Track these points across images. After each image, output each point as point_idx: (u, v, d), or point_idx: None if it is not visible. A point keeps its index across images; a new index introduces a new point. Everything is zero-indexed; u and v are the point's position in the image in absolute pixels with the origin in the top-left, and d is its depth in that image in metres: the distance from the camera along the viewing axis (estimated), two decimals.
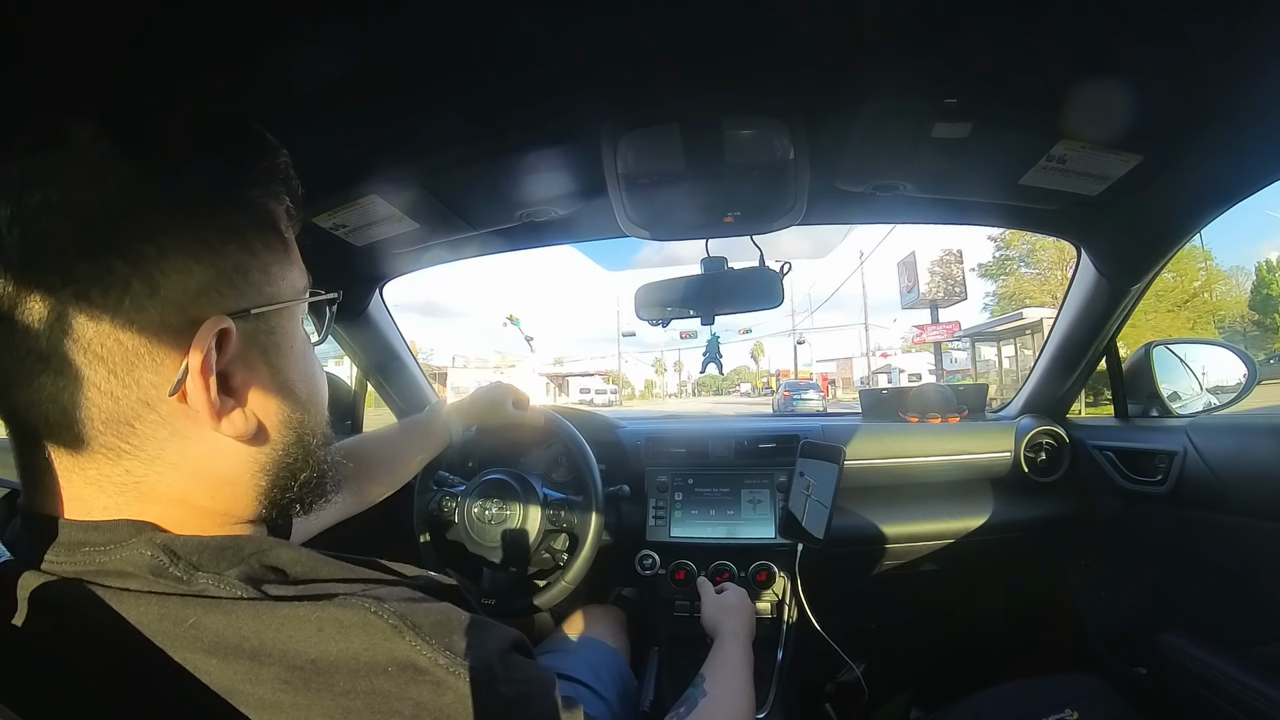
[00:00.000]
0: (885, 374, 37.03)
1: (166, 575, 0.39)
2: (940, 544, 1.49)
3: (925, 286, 22.98)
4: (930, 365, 33.74)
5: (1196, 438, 1.17)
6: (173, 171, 0.40)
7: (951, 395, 1.73)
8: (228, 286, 0.42)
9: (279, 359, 0.47)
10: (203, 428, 0.42)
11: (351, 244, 1.21)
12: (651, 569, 1.39)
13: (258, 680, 0.37)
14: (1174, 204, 1.07)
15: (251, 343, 0.44)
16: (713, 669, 0.91)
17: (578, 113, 0.90)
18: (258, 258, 0.44)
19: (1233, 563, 1.13)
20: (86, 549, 0.40)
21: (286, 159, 0.47)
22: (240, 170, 0.44)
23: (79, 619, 0.38)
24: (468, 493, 1.25)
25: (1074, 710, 1.06)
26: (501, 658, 0.44)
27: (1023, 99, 0.84)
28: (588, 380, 50.00)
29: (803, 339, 42.21)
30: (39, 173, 0.37)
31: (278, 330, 0.46)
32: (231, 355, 0.42)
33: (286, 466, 0.48)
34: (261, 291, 0.44)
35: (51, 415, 0.39)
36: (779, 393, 23.63)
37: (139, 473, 0.41)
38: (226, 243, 0.42)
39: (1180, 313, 17.18)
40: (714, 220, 1.09)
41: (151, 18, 0.57)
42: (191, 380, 0.40)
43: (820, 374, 42.46)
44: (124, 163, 0.38)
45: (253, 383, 0.45)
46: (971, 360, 21.65)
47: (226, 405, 0.42)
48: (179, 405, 0.41)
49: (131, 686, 0.37)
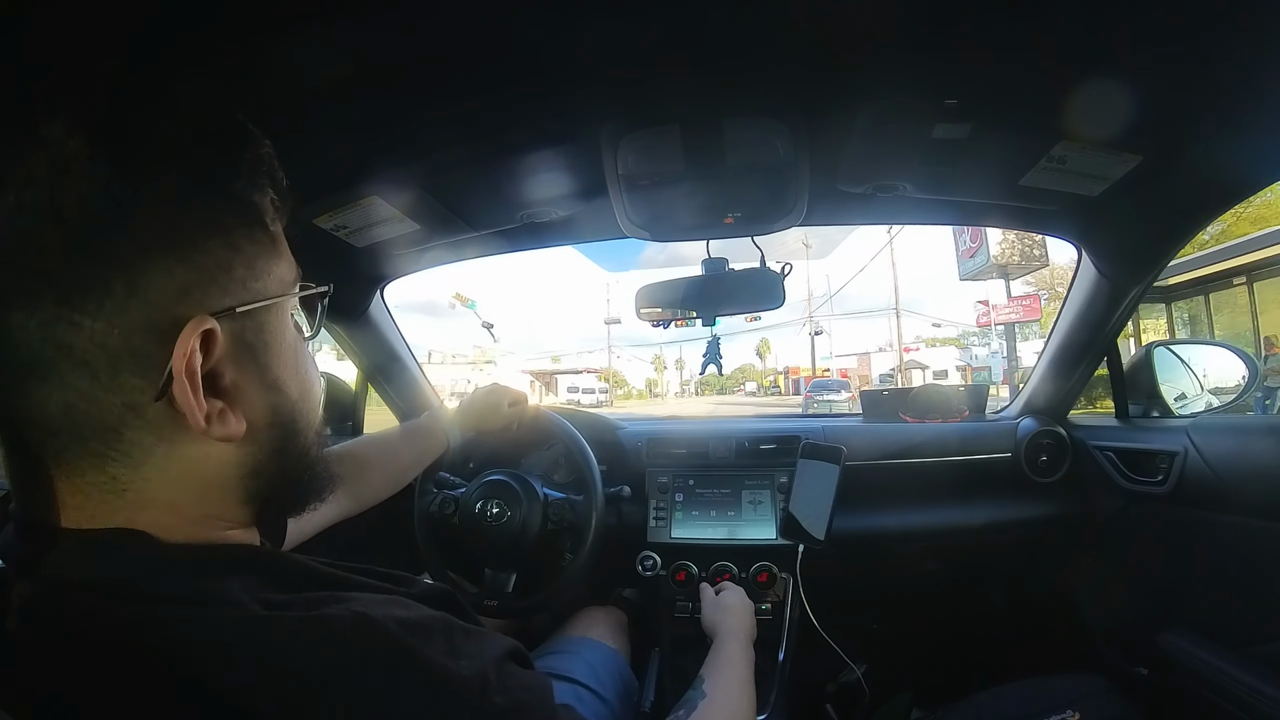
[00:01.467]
0: (915, 370, 32.96)
1: (158, 585, 0.39)
2: (941, 544, 1.49)
3: (996, 249, 16.23)
4: (959, 360, 29.98)
5: (1197, 438, 1.17)
6: (151, 166, 0.39)
7: (952, 396, 1.73)
8: (211, 284, 0.41)
9: (268, 357, 0.45)
10: (190, 432, 0.40)
11: (352, 245, 1.21)
12: (652, 570, 1.39)
13: (252, 690, 0.37)
14: (1174, 204, 1.07)
15: (239, 341, 0.43)
16: (711, 670, 0.90)
17: (578, 114, 0.90)
18: (242, 253, 0.43)
19: (1234, 562, 1.13)
20: (77, 557, 0.39)
21: (269, 149, 0.46)
22: (221, 162, 0.43)
23: (70, 628, 0.37)
24: (468, 494, 1.25)
25: (1075, 710, 1.06)
26: (497, 666, 0.44)
27: (1022, 99, 0.84)
28: (576, 378, 46.53)
29: (820, 329, 37.08)
30: (13, 174, 0.36)
31: (266, 327, 0.45)
32: (218, 355, 0.41)
33: (278, 468, 0.47)
34: (247, 288, 0.43)
35: (39, 423, 0.38)
36: (803, 393, 20.81)
37: (126, 479, 0.40)
38: (209, 238, 0.41)
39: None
40: (714, 221, 1.09)
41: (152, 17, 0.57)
42: (176, 384, 0.39)
43: (840, 369, 38.91)
44: (100, 159, 0.37)
45: (242, 382, 0.43)
46: (1006, 356, 17.03)
47: (214, 407, 0.41)
48: (165, 409, 0.40)
49: (124, 697, 0.36)
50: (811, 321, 35.99)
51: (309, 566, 0.45)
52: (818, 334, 35.99)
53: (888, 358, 38.67)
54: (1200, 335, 10.42)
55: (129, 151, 0.38)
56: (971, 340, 19.92)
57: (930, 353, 35.30)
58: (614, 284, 42.79)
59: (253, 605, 0.39)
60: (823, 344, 38.03)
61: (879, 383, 35.66)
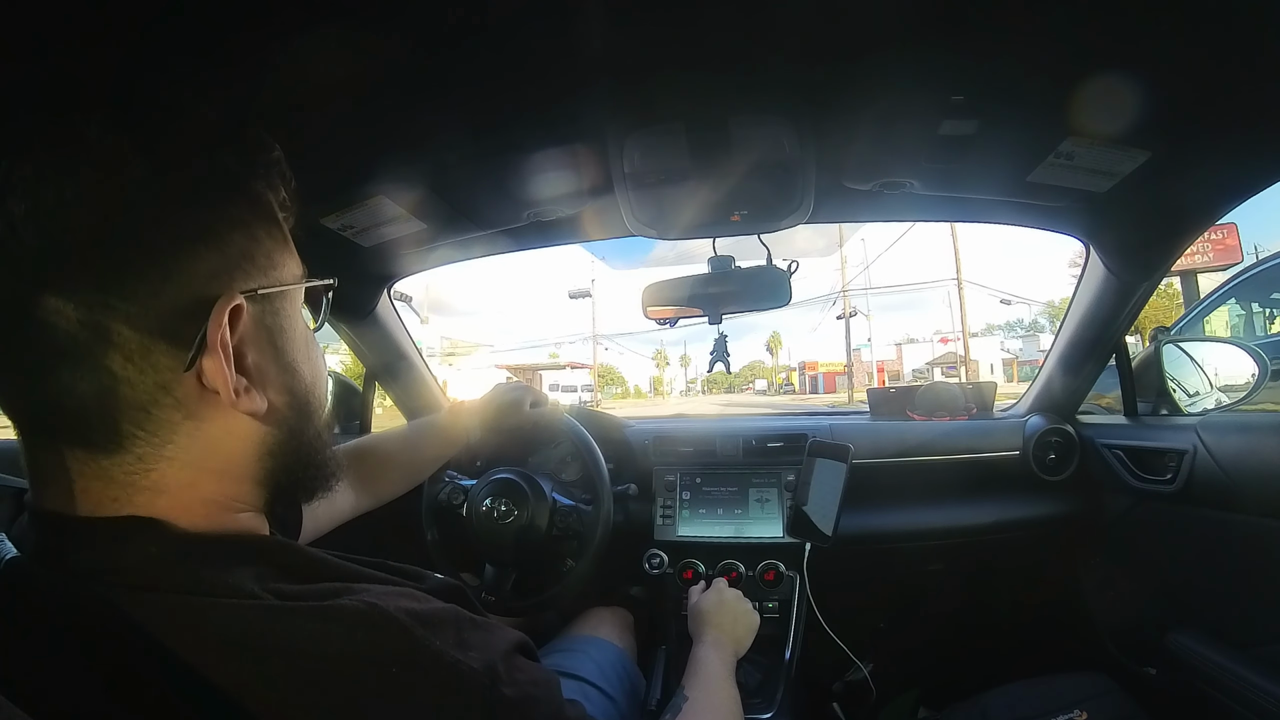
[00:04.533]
0: (944, 366, 28.24)
1: (173, 574, 0.39)
2: (949, 543, 1.49)
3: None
4: (1007, 353, 25.93)
5: (1206, 436, 1.16)
6: (182, 166, 0.43)
7: (960, 394, 1.72)
8: (236, 269, 0.44)
9: (284, 341, 0.48)
10: (216, 409, 0.43)
11: (359, 244, 1.22)
12: (659, 568, 1.40)
13: (265, 679, 0.37)
14: (1183, 200, 1.06)
15: (259, 323, 0.46)
16: (688, 677, 0.93)
17: (583, 112, 0.90)
18: (261, 244, 0.47)
19: (1243, 562, 1.12)
20: (93, 546, 0.40)
21: (281, 154, 0.50)
22: (240, 163, 0.47)
23: (85, 618, 0.38)
24: (477, 489, 1.25)
25: (1083, 709, 1.05)
26: (505, 659, 0.44)
27: (1030, 95, 0.84)
28: (557, 374, 43.13)
29: (855, 310, 28.62)
30: (55, 168, 0.39)
31: (281, 313, 0.49)
32: (241, 334, 0.44)
33: (292, 449, 0.49)
34: (267, 275, 0.47)
35: (68, 407, 0.40)
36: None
37: (151, 459, 0.42)
38: (232, 229, 0.45)
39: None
40: (721, 219, 1.08)
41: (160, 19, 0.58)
42: (209, 356, 0.41)
43: (878, 362, 34.61)
44: (136, 158, 0.40)
45: (262, 363, 0.46)
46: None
47: (240, 383, 0.44)
48: (195, 387, 0.42)
49: (138, 686, 0.37)
50: (842, 298, 28.26)
51: (321, 558, 0.46)
52: (851, 316, 28.21)
53: (921, 350, 32.89)
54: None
55: (164, 153, 0.42)
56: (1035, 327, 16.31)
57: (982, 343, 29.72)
58: (594, 262, 38.01)
59: (265, 595, 0.39)
60: (859, 331, 30.68)
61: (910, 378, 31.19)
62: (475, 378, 25.36)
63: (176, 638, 0.37)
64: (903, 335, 36.69)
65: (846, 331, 27.82)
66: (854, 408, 9.20)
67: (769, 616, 1.31)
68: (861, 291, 30.66)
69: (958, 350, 27.31)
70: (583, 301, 35.30)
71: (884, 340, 39.94)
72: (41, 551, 0.41)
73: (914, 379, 30.70)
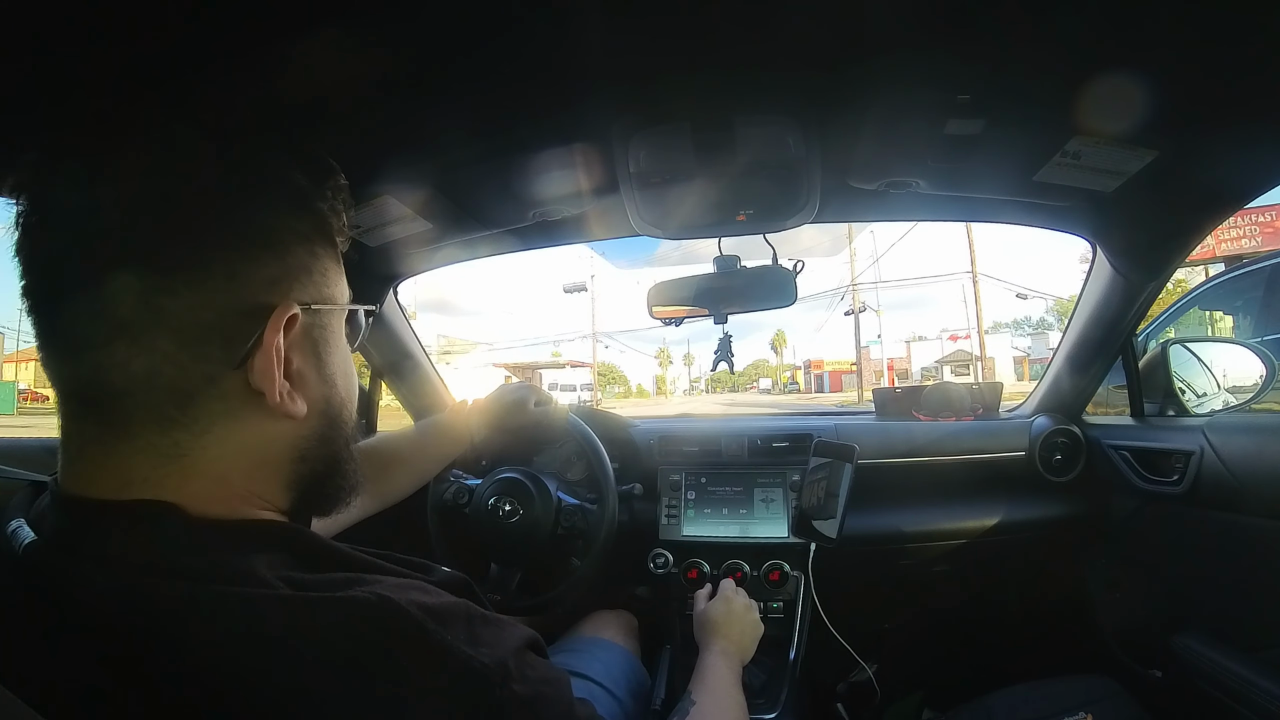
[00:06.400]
0: (954, 365, 26.87)
1: (187, 560, 0.40)
2: (954, 544, 1.48)
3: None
4: (1018, 350, 24.63)
5: (1214, 437, 1.15)
6: (259, 178, 0.47)
7: (965, 394, 1.72)
8: (294, 281, 0.47)
9: (327, 354, 0.51)
10: (255, 408, 0.45)
11: (365, 244, 1.22)
12: (664, 568, 1.40)
13: (274, 669, 0.37)
14: (1190, 199, 1.06)
15: (307, 335, 0.49)
16: (695, 682, 0.93)
17: (588, 111, 0.90)
18: (319, 261, 0.50)
19: (1250, 564, 1.11)
20: (113, 531, 0.40)
21: (345, 182, 0.54)
22: (309, 184, 0.50)
23: (103, 604, 0.38)
24: (482, 488, 1.26)
25: (1088, 712, 1.05)
26: (516, 656, 0.44)
27: (1036, 95, 0.83)
28: (557, 373, 42.09)
29: (864, 305, 27.49)
30: (144, 163, 0.43)
31: (328, 327, 0.51)
32: (291, 341, 0.46)
33: (321, 456, 0.51)
34: (320, 291, 0.50)
35: (116, 381, 0.41)
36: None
37: (187, 445, 0.43)
38: (296, 244, 0.48)
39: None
40: (726, 218, 1.08)
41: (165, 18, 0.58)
42: (263, 355, 0.44)
43: (888, 359, 33.49)
44: (220, 166, 0.45)
45: (305, 371, 0.49)
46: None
47: (284, 386, 0.46)
48: (241, 384, 0.44)
49: (154, 674, 0.37)
50: (851, 292, 26.95)
51: (333, 547, 0.47)
52: (860, 311, 26.96)
53: (929, 348, 31.80)
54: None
55: (245, 164, 0.47)
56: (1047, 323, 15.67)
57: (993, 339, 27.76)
58: (593, 258, 38.18)
59: (278, 584, 0.40)
60: (868, 327, 28.75)
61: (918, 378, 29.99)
62: (473, 377, 25.08)
63: (192, 626, 0.37)
64: (910, 333, 35.92)
65: (856, 327, 26.87)
66: (863, 407, 9.17)
67: (774, 616, 1.31)
68: (871, 286, 29.76)
69: (967, 348, 26.61)
70: (582, 297, 34.58)
71: (891, 338, 39.44)
72: (59, 536, 0.42)
73: (922, 378, 30.12)
